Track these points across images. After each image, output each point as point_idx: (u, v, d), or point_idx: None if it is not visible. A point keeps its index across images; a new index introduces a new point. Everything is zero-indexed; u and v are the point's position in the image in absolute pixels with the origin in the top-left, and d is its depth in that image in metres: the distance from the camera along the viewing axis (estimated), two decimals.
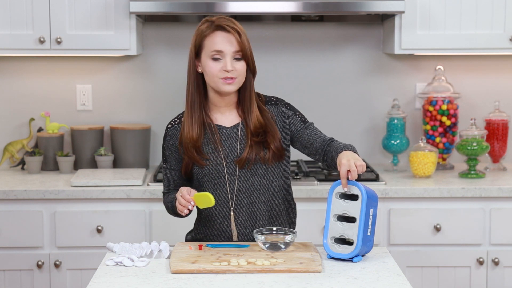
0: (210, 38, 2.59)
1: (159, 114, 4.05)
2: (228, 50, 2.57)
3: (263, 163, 2.63)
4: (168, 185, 2.74)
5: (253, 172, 2.63)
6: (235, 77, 2.58)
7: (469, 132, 3.80)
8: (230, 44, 2.57)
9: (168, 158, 2.70)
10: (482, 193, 3.51)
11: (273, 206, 2.68)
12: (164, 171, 2.73)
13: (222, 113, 2.68)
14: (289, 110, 2.70)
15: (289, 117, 2.69)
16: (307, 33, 4.06)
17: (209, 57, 2.58)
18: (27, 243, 3.49)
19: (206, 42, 2.59)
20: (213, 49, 2.57)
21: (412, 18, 3.71)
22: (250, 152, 2.61)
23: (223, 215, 2.65)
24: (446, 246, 3.54)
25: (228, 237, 2.65)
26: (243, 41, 2.58)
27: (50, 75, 4.03)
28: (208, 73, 2.59)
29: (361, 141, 4.12)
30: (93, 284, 2.24)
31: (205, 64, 2.60)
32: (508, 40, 3.73)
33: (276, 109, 2.69)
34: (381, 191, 3.48)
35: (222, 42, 2.57)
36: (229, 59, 2.57)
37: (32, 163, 3.84)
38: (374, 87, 4.10)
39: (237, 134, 2.65)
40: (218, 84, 2.59)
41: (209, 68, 2.58)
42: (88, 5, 3.68)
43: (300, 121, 2.70)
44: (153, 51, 4.04)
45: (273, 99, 2.72)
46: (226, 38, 2.58)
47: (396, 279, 2.28)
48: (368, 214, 2.43)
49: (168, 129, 2.70)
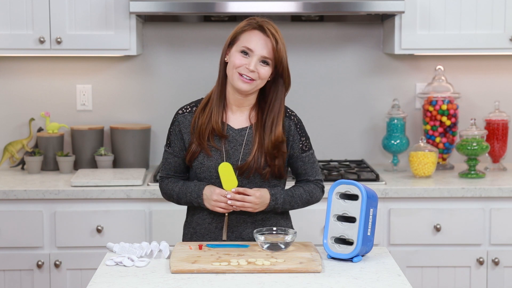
0: (247, 34, 2.56)
1: (159, 114, 4.05)
2: (259, 51, 2.54)
3: (261, 176, 2.62)
4: (167, 170, 2.70)
5: (250, 180, 2.62)
6: (254, 79, 2.56)
7: (469, 132, 3.80)
8: (263, 47, 2.55)
9: (173, 143, 2.67)
10: (482, 193, 3.51)
11: (270, 216, 2.68)
12: (165, 155, 2.70)
13: (233, 112, 2.66)
14: (296, 130, 2.66)
15: (293, 138, 2.66)
16: (307, 33, 4.06)
17: (239, 50, 2.56)
18: (27, 243, 3.49)
19: (242, 37, 2.57)
20: (245, 44, 2.55)
21: (412, 18, 3.71)
22: (252, 161, 2.59)
23: (213, 215, 2.65)
24: (446, 246, 3.54)
25: (215, 237, 2.65)
26: (279, 50, 2.55)
27: (50, 75, 4.03)
28: (231, 64, 2.56)
29: (361, 141, 4.12)
30: (93, 284, 2.24)
31: (232, 55, 2.57)
32: (508, 40, 3.73)
33: (287, 122, 2.66)
34: (381, 191, 3.48)
35: (256, 41, 2.55)
36: (255, 59, 2.54)
37: (32, 163, 3.84)
38: (374, 87, 4.10)
39: (243, 138, 2.63)
40: (235, 77, 2.56)
41: (234, 59, 2.56)
42: (88, 5, 3.68)
43: (300, 148, 2.67)
44: (153, 51, 4.04)
45: (289, 111, 2.68)
46: (262, 39, 2.55)
47: (396, 279, 2.28)
48: (368, 214, 2.43)
49: (179, 114, 2.67)
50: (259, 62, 2.55)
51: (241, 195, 2.55)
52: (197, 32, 4.01)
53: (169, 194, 2.71)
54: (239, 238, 2.65)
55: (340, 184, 2.48)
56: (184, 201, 2.67)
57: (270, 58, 2.55)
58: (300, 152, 2.67)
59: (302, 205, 2.68)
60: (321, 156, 4.09)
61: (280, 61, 2.56)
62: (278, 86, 2.61)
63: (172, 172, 2.71)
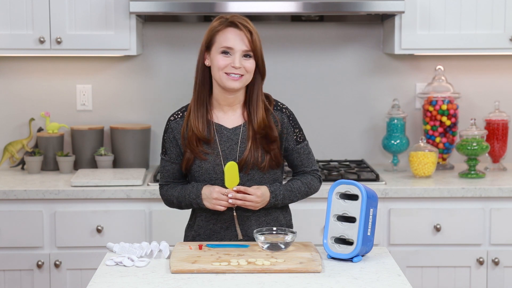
0: (222, 33, 2.58)
1: (159, 114, 4.05)
2: (239, 47, 2.57)
3: (259, 169, 2.63)
4: (166, 177, 2.72)
5: (250, 177, 2.63)
6: (242, 74, 2.58)
7: (469, 132, 3.80)
8: (241, 42, 2.57)
9: (168, 150, 2.69)
10: (482, 193, 3.51)
11: (270, 212, 2.68)
12: (163, 163, 2.72)
13: (225, 112, 2.67)
14: (290, 123, 2.69)
15: (287, 131, 2.68)
16: (307, 33, 4.06)
17: (219, 51, 2.58)
18: (27, 243, 3.49)
19: (218, 38, 2.59)
20: (223, 44, 2.57)
21: (412, 18, 3.71)
22: (249, 156, 2.61)
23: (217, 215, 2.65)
24: (446, 246, 3.54)
25: (221, 238, 2.66)
26: (254, 41, 2.58)
27: (50, 75, 4.03)
28: (215, 67, 2.58)
29: (361, 141, 4.12)
30: (93, 284, 2.24)
31: (213, 58, 2.59)
32: (508, 40, 3.73)
33: (280, 115, 2.68)
34: (381, 191, 3.48)
35: (233, 38, 2.57)
36: (238, 55, 2.57)
37: (32, 163, 3.84)
38: (374, 87, 4.10)
39: (237, 136, 2.65)
40: (223, 79, 2.58)
41: (217, 62, 2.58)
42: (88, 5, 3.68)
43: (295, 139, 2.70)
44: (153, 51, 4.04)
45: (280, 105, 2.70)
46: (237, 35, 2.57)
47: (396, 279, 2.28)
48: (368, 214, 2.43)
49: (171, 121, 2.69)
50: (242, 57, 2.58)
51: (242, 194, 2.56)
52: (197, 32, 4.01)
53: (170, 200, 2.72)
54: (245, 236, 2.65)
55: (340, 184, 2.48)
56: (185, 205, 2.68)
57: (250, 50, 2.58)
58: (295, 144, 2.70)
59: (301, 197, 2.71)
60: (321, 156, 4.09)
61: (256, 50, 2.59)
62: (255, 75, 2.63)
63: (171, 178, 2.72)
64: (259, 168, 2.63)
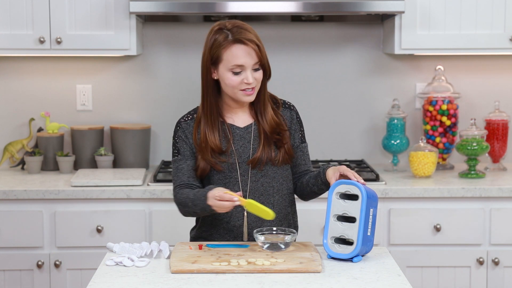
0: (229, 51, 2.56)
1: (159, 114, 4.05)
2: (249, 63, 2.56)
3: (273, 164, 2.65)
4: (181, 177, 2.64)
5: (264, 173, 2.65)
6: (254, 86, 2.60)
7: (469, 132, 3.80)
8: (250, 58, 2.56)
9: (182, 148, 2.66)
10: (482, 193, 3.51)
11: (281, 209, 2.69)
12: (176, 164, 2.67)
13: (235, 113, 2.69)
14: (297, 122, 2.73)
15: (295, 128, 2.72)
16: (307, 33, 4.06)
17: (229, 69, 2.56)
18: (27, 243, 3.49)
19: (225, 55, 2.56)
20: (233, 63, 2.55)
21: (412, 18, 3.71)
22: (262, 153, 2.63)
23: (230, 214, 2.63)
24: (446, 246, 3.54)
25: (234, 236, 2.65)
26: (262, 52, 2.58)
27: (50, 75, 4.03)
28: (228, 85, 2.58)
29: (361, 141, 4.12)
30: (93, 284, 2.24)
31: (223, 75, 2.58)
32: (508, 40, 3.73)
33: (288, 113, 2.71)
34: (381, 191, 3.48)
35: (243, 56, 2.55)
36: (249, 72, 2.56)
37: (32, 163, 3.84)
38: (374, 87, 4.10)
39: (250, 134, 2.66)
40: (238, 95, 2.59)
41: (229, 81, 2.57)
42: (88, 5, 3.68)
43: (300, 138, 2.73)
44: (153, 51, 4.04)
45: (288, 103, 2.74)
46: (245, 52, 2.55)
47: (396, 279, 2.28)
48: (368, 214, 2.43)
49: (181, 122, 2.68)
50: (252, 70, 2.58)
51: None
52: (197, 32, 4.01)
53: (184, 203, 2.59)
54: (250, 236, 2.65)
55: (340, 184, 2.48)
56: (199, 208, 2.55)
57: (259, 62, 2.58)
58: (300, 142, 2.73)
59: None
60: (321, 156, 4.09)
61: (263, 58, 2.59)
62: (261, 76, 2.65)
63: (186, 177, 2.64)
64: (273, 163, 2.65)
